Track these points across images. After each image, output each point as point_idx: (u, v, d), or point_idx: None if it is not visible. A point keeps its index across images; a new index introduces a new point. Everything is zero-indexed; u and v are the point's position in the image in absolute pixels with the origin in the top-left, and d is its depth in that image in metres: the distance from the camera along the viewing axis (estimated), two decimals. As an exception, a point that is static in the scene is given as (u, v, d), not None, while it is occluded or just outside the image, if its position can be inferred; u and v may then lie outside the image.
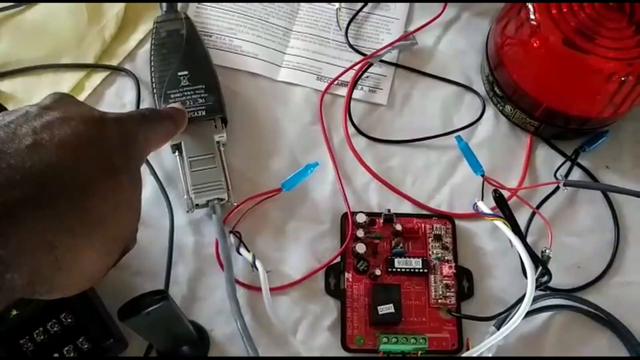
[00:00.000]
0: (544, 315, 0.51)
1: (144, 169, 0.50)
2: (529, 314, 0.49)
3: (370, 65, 0.59)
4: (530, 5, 0.51)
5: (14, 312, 0.43)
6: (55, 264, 0.31)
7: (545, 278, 0.48)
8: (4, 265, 0.28)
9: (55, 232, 0.30)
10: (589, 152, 0.57)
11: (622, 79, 0.50)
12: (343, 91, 0.58)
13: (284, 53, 0.59)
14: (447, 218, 0.53)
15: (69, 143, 0.32)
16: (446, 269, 0.51)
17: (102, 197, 0.33)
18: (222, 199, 0.51)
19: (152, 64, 0.54)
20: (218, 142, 0.52)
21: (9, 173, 0.29)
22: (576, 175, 0.57)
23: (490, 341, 0.47)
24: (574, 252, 0.54)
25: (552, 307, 0.51)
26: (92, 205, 0.32)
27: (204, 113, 0.52)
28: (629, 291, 0.53)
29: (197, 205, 0.50)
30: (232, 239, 0.50)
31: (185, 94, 0.52)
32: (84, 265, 0.33)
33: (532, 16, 0.51)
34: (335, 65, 0.59)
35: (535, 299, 0.49)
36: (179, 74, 0.53)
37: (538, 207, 0.54)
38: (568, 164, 0.56)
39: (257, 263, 0.49)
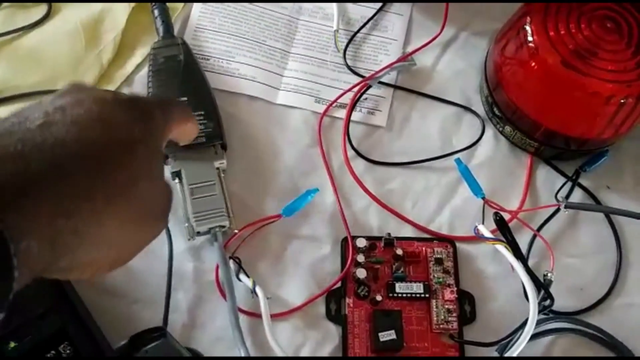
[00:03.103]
0: (547, 339, 0.51)
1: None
2: (532, 338, 0.48)
3: (369, 87, 0.58)
4: (528, 27, 0.51)
5: (13, 345, 0.43)
6: (75, 233, 0.30)
7: (547, 302, 0.48)
8: (18, 232, 0.28)
9: (71, 198, 0.30)
10: (589, 172, 0.57)
11: (622, 100, 0.50)
12: (342, 113, 0.58)
13: (282, 76, 0.59)
14: (448, 241, 0.53)
15: (81, 121, 0.32)
16: (448, 294, 0.51)
17: (119, 166, 0.33)
18: (223, 226, 0.50)
19: (150, 90, 0.54)
20: (218, 168, 0.52)
21: (18, 146, 0.29)
22: (577, 195, 0.56)
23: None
24: (576, 273, 0.53)
25: (555, 331, 0.51)
26: (109, 173, 0.32)
27: (204, 140, 0.52)
28: (632, 313, 0.53)
29: (198, 232, 0.50)
30: (232, 265, 0.50)
31: (184, 120, 0.52)
32: (108, 237, 0.33)
33: (530, 38, 0.51)
34: (333, 87, 0.59)
35: (537, 323, 0.48)
36: (179, 99, 0.53)
37: (539, 229, 0.54)
38: (569, 184, 0.56)
39: (258, 289, 0.48)
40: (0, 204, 0.27)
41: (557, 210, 0.54)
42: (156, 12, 0.58)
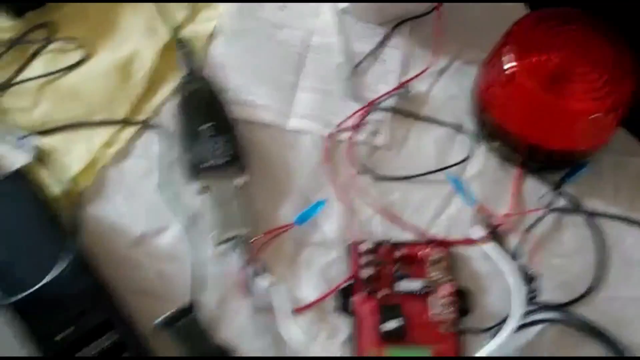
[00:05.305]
0: (536, 328, 0.56)
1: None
2: (523, 327, 0.54)
3: (370, 112, 0.65)
4: (507, 56, 0.58)
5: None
6: None
7: (534, 292, 0.54)
8: None
9: None
10: (572, 182, 0.62)
11: (592, 116, 0.56)
12: (346, 136, 0.65)
13: (293, 104, 0.66)
14: (444, 244, 0.59)
15: None
16: (444, 290, 0.56)
17: None
18: (243, 235, 0.57)
19: (178, 120, 0.61)
20: (239, 184, 0.59)
21: None
22: (561, 203, 0.62)
23: (484, 350, 0.52)
24: (562, 271, 0.59)
25: (544, 321, 0.56)
26: None
27: (228, 159, 0.59)
28: (614, 305, 0.58)
29: (223, 240, 0.57)
30: (252, 267, 0.56)
31: (209, 145, 0.59)
32: None
33: (509, 65, 0.58)
34: (339, 113, 0.66)
35: (527, 313, 0.54)
36: (203, 127, 0.60)
37: (527, 231, 0.60)
38: (554, 192, 0.62)
39: (274, 287, 0.55)
40: None
41: (544, 215, 0.59)
42: (182, 51, 0.66)
